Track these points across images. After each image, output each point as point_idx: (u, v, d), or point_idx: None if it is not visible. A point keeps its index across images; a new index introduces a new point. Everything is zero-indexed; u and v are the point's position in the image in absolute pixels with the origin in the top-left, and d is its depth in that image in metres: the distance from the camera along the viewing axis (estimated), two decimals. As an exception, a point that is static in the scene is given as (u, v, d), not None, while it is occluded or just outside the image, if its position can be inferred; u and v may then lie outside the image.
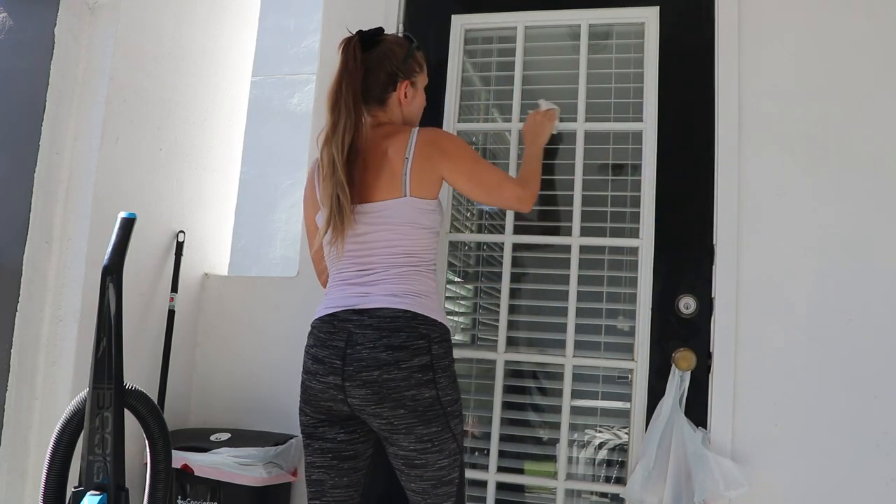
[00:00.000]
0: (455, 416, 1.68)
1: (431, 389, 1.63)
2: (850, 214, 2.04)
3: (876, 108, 2.07)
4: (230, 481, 2.11)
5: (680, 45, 2.23)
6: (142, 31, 2.32)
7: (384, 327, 1.64)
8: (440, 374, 1.65)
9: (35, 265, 2.13)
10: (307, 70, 3.83)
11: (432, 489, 1.65)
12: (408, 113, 1.89)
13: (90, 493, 1.41)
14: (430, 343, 1.65)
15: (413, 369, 1.61)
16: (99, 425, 1.42)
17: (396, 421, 1.62)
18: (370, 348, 1.62)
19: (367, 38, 1.83)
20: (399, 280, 1.70)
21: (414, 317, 1.66)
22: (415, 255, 1.72)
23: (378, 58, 1.82)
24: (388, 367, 1.61)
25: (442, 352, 1.67)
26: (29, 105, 2.17)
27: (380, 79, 1.82)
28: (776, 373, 2.02)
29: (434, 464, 1.64)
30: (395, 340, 1.62)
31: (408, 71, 1.85)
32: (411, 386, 1.61)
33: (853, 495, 1.94)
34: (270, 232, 3.76)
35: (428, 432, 1.62)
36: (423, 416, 1.62)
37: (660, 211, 2.16)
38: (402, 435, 1.63)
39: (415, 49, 1.89)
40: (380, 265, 1.71)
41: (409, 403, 1.61)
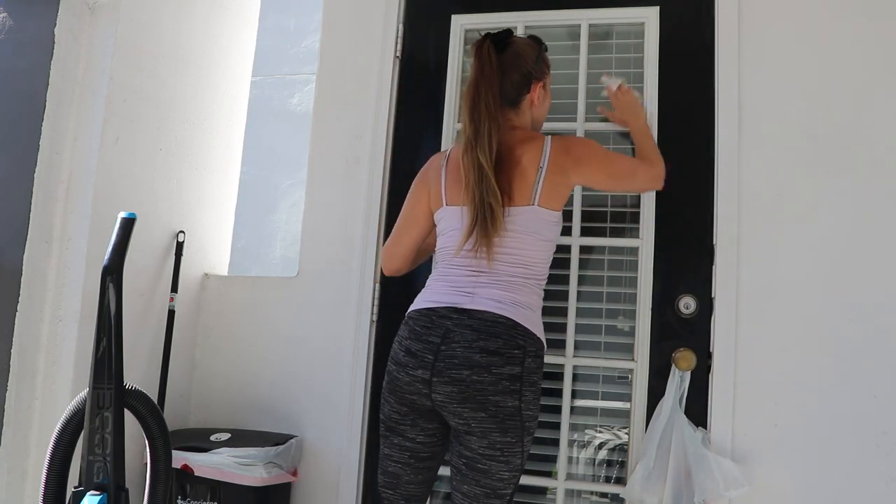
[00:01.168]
0: (530, 432, 1.66)
1: (516, 400, 1.62)
2: (850, 214, 2.04)
3: (876, 108, 2.07)
4: (230, 481, 2.11)
5: (680, 45, 2.23)
6: (142, 31, 2.32)
7: (482, 329, 1.63)
8: (527, 387, 1.64)
9: (35, 265, 2.13)
10: (307, 70, 3.83)
11: (484, 497, 1.63)
12: (537, 115, 1.89)
13: (90, 493, 1.41)
14: (524, 354, 1.64)
15: (503, 376, 1.61)
16: (99, 425, 1.42)
17: (474, 423, 1.62)
18: (465, 348, 1.62)
19: (498, 40, 1.81)
20: (507, 287, 1.69)
21: (514, 326, 1.65)
22: (529, 265, 1.72)
23: (511, 59, 1.80)
24: (479, 370, 1.60)
25: (534, 366, 1.66)
26: (29, 105, 2.17)
27: (514, 80, 1.80)
28: (776, 373, 2.02)
29: (496, 473, 1.63)
30: (492, 345, 1.62)
31: (539, 72, 1.85)
32: (498, 392, 1.60)
33: (853, 495, 1.94)
34: (270, 232, 3.76)
35: (502, 441, 1.62)
36: (501, 423, 1.61)
37: (660, 211, 2.16)
38: (476, 437, 1.62)
39: (544, 51, 1.89)
40: (491, 270, 1.70)
41: (491, 408, 1.60)
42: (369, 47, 2.46)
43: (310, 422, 2.35)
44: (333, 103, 2.47)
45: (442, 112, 2.35)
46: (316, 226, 2.44)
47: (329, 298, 2.38)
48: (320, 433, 2.32)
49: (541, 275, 1.75)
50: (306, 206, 2.47)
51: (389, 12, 2.45)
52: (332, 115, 2.47)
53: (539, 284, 1.75)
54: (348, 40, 2.49)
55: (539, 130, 1.91)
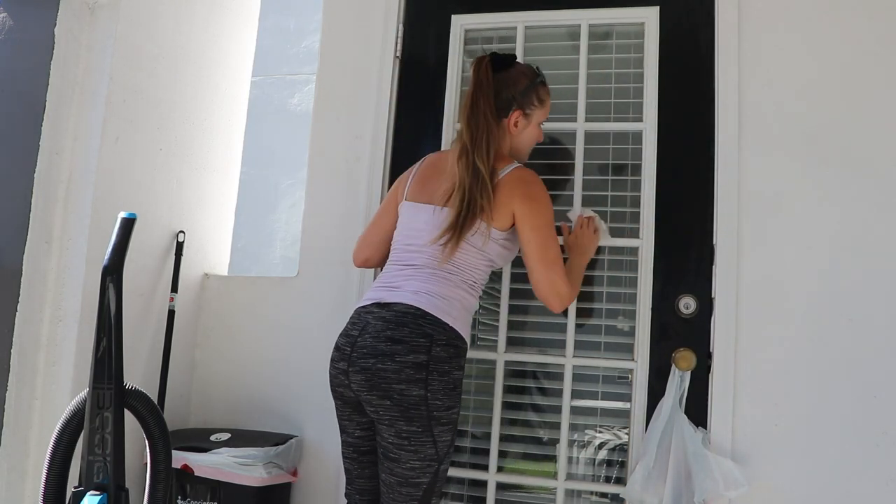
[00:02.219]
0: (442, 422, 1.68)
1: (420, 389, 1.65)
2: (850, 214, 2.04)
3: (876, 109, 2.07)
4: (230, 481, 2.11)
5: (680, 45, 2.23)
6: (141, 31, 2.32)
7: (392, 320, 1.70)
8: (434, 376, 1.67)
9: (35, 265, 2.13)
10: (307, 70, 3.83)
11: (397, 485, 1.69)
12: (516, 143, 1.93)
13: (90, 493, 1.41)
14: (431, 343, 1.68)
15: (406, 364, 1.65)
16: (99, 425, 1.42)
17: (382, 411, 1.67)
18: (374, 338, 1.70)
19: (498, 60, 1.91)
20: (427, 280, 1.76)
21: (423, 315, 1.70)
22: (459, 269, 1.77)
23: (502, 82, 1.88)
24: (383, 358, 1.66)
25: (444, 355, 1.69)
26: (29, 105, 2.17)
27: (499, 101, 1.87)
28: (776, 373, 2.02)
29: (405, 462, 1.67)
30: (398, 334, 1.68)
31: (524, 101, 1.90)
32: (401, 380, 1.65)
33: (853, 495, 1.94)
34: (270, 232, 3.76)
35: (407, 430, 1.66)
36: (406, 412, 1.65)
37: (660, 211, 2.16)
38: (385, 426, 1.68)
39: (539, 83, 1.93)
40: (419, 265, 1.78)
41: (395, 397, 1.65)
42: (369, 47, 2.46)
43: (310, 422, 2.35)
44: (333, 103, 2.47)
45: (442, 112, 2.35)
46: (316, 226, 2.44)
47: (329, 298, 2.38)
48: (320, 433, 2.32)
49: (472, 280, 1.80)
50: (306, 206, 2.47)
51: (389, 12, 2.45)
52: (332, 115, 2.47)
53: (469, 286, 1.79)
54: (348, 40, 2.50)
55: (521, 161, 1.94)
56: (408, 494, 1.68)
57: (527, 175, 1.83)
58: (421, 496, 1.68)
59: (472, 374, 2.31)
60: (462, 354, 1.76)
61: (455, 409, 1.72)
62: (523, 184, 1.80)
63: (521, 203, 1.78)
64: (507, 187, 1.78)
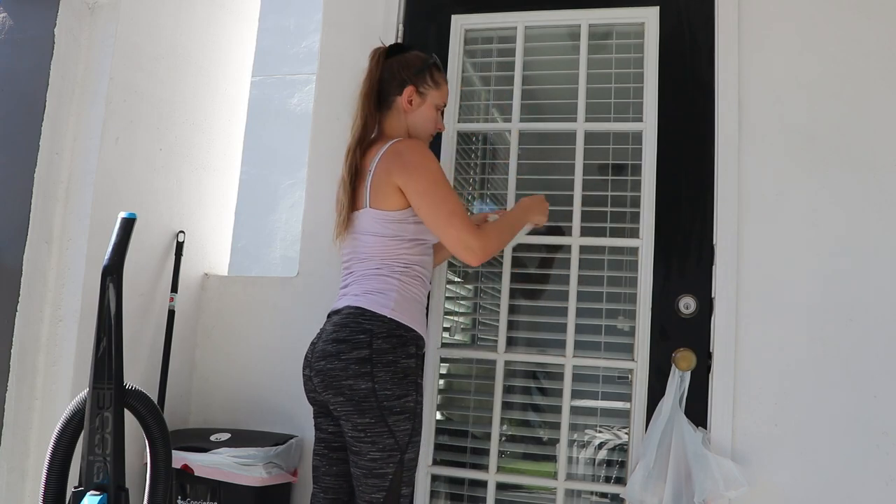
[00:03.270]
0: (394, 412, 1.73)
1: (367, 382, 1.72)
2: (850, 214, 2.04)
3: (876, 108, 2.07)
4: (230, 481, 2.11)
5: (680, 45, 2.23)
6: (141, 31, 2.32)
7: (338, 322, 1.80)
8: (379, 368, 1.72)
9: (35, 265, 2.13)
10: (307, 70, 3.84)
11: (363, 477, 1.74)
12: (412, 123, 1.94)
13: (90, 493, 1.41)
14: (371, 337, 1.74)
15: (351, 361, 1.73)
16: (99, 425, 1.42)
17: (339, 407, 1.75)
18: (325, 342, 1.79)
19: (393, 48, 1.99)
20: (362, 281, 1.83)
21: (362, 313, 1.77)
22: (381, 261, 1.82)
23: (395, 65, 1.93)
24: (331, 358, 1.75)
25: (386, 347, 1.74)
26: (29, 105, 2.17)
27: (392, 85, 1.92)
28: (776, 373, 2.02)
29: (366, 454, 1.73)
30: (341, 334, 1.76)
31: (418, 80, 1.93)
32: (349, 376, 1.72)
33: (853, 495, 1.94)
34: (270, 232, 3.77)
35: (362, 422, 1.72)
36: (358, 405, 1.72)
37: (660, 211, 2.16)
38: (344, 421, 1.76)
39: (432, 64, 1.96)
40: (354, 270, 1.86)
41: (346, 392, 1.73)
42: (369, 47, 2.45)
43: (310, 422, 2.32)
44: (333, 103, 2.47)
45: (441, 112, 2.34)
46: (316, 226, 2.44)
47: (329, 298, 2.36)
48: (320, 433, 2.31)
49: (402, 265, 1.82)
50: (306, 206, 2.47)
51: (389, 12, 2.45)
52: (332, 115, 2.46)
53: (397, 271, 1.81)
54: (348, 40, 2.49)
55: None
56: (374, 486, 1.73)
57: (399, 146, 1.82)
58: (388, 486, 1.73)
59: (473, 374, 2.31)
60: (409, 343, 1.78)
61: (408, 397, 1.75)
62: (396, 156, 1.80)
63: (399, 175, 1.79)
64: (383, 166, 1.80)
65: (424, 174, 1.78)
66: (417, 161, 1.79)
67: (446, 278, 2.30)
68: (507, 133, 2.33)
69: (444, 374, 2.36)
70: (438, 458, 2.25)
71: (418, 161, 1.79)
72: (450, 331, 2.35)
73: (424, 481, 2.22)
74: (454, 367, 2.40)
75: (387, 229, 1.80)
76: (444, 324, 2.29)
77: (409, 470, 1.77)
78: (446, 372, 2.37)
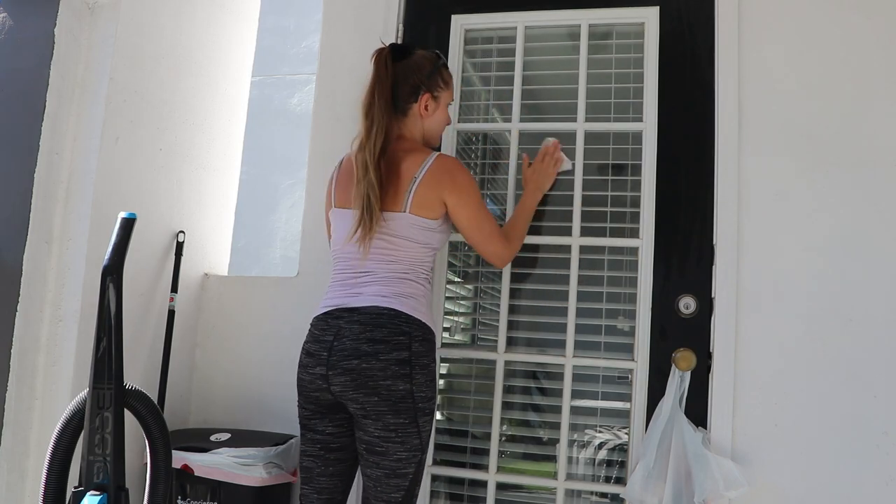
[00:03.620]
0: (425, 413, 1.78)
1: (406, 383, 1.74)
2: (850, 214, 2.04)
3: (876, 109, 2.07)
4: (230, 481, 2.11)
5: (680, 44, 2.23)
6: (142, 31, 2.32)
7: (368, 322, 1.77)
8: (417, 370, 1.76)
9: (35, 265, 2.13)
10: (307, 70, 3.84)
11: (385, 478, 1.75)
12: (428, 127, 1.97)
13: (90, 493, 1.41)
14: (410, 340, 1.77)
15: (391, 361, 1.73)
16: (99, 425, 1.42)
17: (369, 407, 1.74)
18: (354, 340, 1.76)
19: (397, 50, 1.95)
20: (389, 283, 1.82)
21: (398, 314, 1.78)
22: (409, 265, 1.84)
23: (406, 70, 1.92)
24: (368, 357, 1.74)
25: (423, 350, 1.78)
26: (29, 105, 2.17)
27: (405, 90, 1.92)
28: (776, 373, 2.02)
29: (393, 454, 1.74)
30: (378, 334, 1.75)
31: (431, 84, 1.94)
32: (388, 377, 1.73)
33: (853, 495, 1.94)
34: (270, 232, 3.77)
35: (395, 422, 1.74)
36: (394, 406, 1.73)
37: (660, 211, 2.16)
38: (372, 420, 1.74)
39: (441, 65, 1.98)
40: (375, 270, 1.83)
41: (383, 392, 1.73)
42: (369, 47, 2.44)
43: (310, 422, 2.34)
44: (333, 103, 2.47)
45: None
46: (316, 226, 2.43)
47: (329, 298, 2.38)
48: (320, 433, 2.31)
49: (424, 272, 1.88)
50: (306, 206, 2.48)
51: (389, 12, 2.45)
52: (332, 115, 2.47)
53: (422, 277, 1.87)
54: (348, 40, 2.49)
55: (434, 145, 2.01)
56: (395, 486, 1.75)
57: (449, 163, 1.89)
58: (408, 485, 1.76)
59: (473, 374, 2.31)
60: (434, 348, 1.85)
61: (435, 399, 1.82)
62: (447, 173, 1.86)
63: (451, 194, 1.85)
64: (433, 179, 1.83)
65: (474, 196, 1.89)
66: (468, 183, 1.89)
67: (446, 278, 2.30)
68: (507, 133, 2.33)
69: (444, 374, 2.36)
70: (438, 458, 2.25)
71: (468, 183, 1.89)
72: (450, 331, 2.35)
73: (424, 481, 2.21)
74: (454, 367, 2.40)
75: (422, 235, 1.84)
76: (444, 324, 2.29)
77: (422, 470, 1.82)
78: (446, 372, 2.37)
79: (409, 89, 1.92)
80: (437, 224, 1.86)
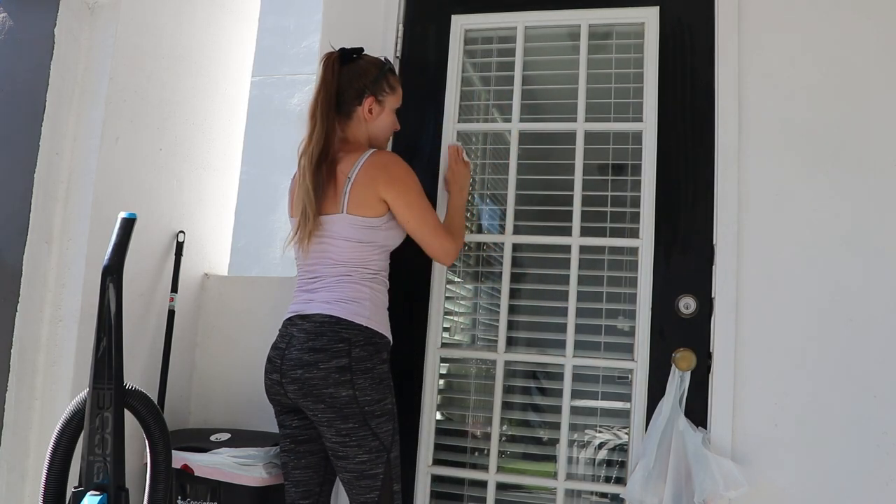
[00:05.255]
0: (375, 415, 1.81)
1: (348, 389, 1.78)
2: (850, 214, 2.04)
3: (876, 108, 2.07)
4: (230, 481, 2.11)
5: (680, 44, 2.23)
6: (142, 32, 2.32)
7: (312, 331, 1.83)
8: (359, 375, 1.80)
9: (35, 265, 2.13)
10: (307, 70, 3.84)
11: (354, 480, 1.82)
12: (373, 130, 2.01)
13: (90, 493, 1.41)
14: (350, 346, 1.80)
15: (331, 370, 1.78)
16: (99, 425, 1.43)
17: (319, 414, 1.81)
18: (299, 350, 1.83)
19: (345, 54, 2.00)
20: (335, 288, 1.86)
21: (338, 321, 1.82)
22: (352, 267, 1.87)
23: (351, 73, 1.97)
24: (310, 367, 1.79)
25: (364, 354, 1.82)
26: (29, 105, 2.17)
27: (350, 94, 1.96)
28: (776, 373, 2.02)
29: (354, 457, 1.80)
30: (318, 343, 1.81)
31: (376, 88, 1.98)
32: (329, 385, 1.78)
33: (853, 495, 1.94)
34: (270, 232, 3.77)
35: (345, 428, 1.79)
36: (340, 412, 1.79)
37: (660, 211, 2.16)
38: (325, 427, 1.81)
39: (388, 70, 2.02)
40: (323, 274, 1.89)
41: (327, 400, 1.79)
42: (369, 47, 2.45)
43: (310, 422, 2.34)
44: (333, 103, 2.47)
45: (442, 112, 2.35)
46: (316, 226, 2.43)
47: (329, 298, 2.38)
48: (320, 433, 2.31)
49: (373, 270, 1.90)
50: (306, 206, 2.47)
51: (389, 12, 2.44)
52: (332, 115, 2.46)
53: (368, 277, 1.89)
54: (348, 40, 2.49)
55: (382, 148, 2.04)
56: (367, 486, 1.81)
57: (383, 158, 1.92)
58: (381, 485, 1.82)
59: (472, 374, 2.31)
60: (382, 349, 1.88)
61: (386, 400, 1.85)
62: (382, 168, 1.89)
63: (387, 188, 1.87)
64: (366, 176, 1.87)
65: (412, 188, 1.91)
66: (404, 175, 1.91)
67: (446, 278, 2.30)
68: (507, 133, 2.33)
69: (444, 374, 2.36)
70: (438, 458, 2.25)
71: (405, 175, 1.91)
72: (450, 331, 2.35)
73: (424, 481, 2.22)
74: (454, 367, 2.40)
75: (363, 234, 1.87)
76: (444, 324, 2.29)
77: (396, 468, 1.86)
78: (446, 372, 2.37)
79: (353, 93, 1.96)
80: (382, 222, 1.88)
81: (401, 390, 2.24)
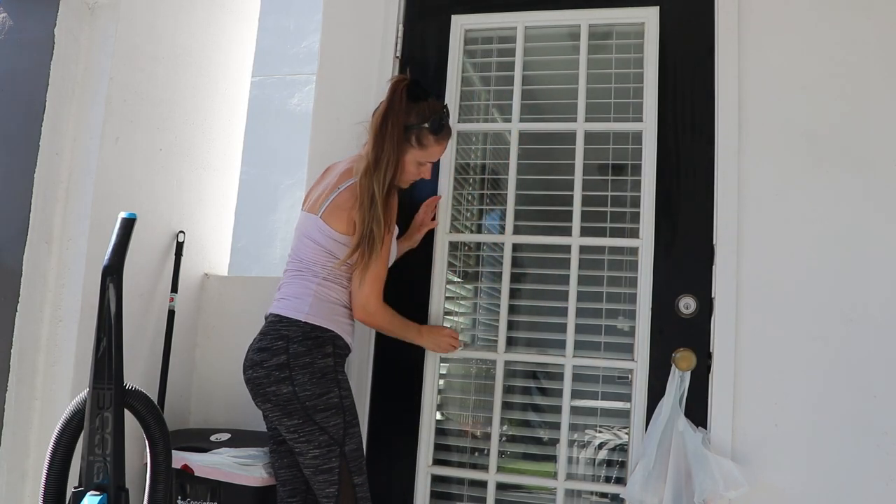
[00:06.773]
0: (319, 410, 1.82)
1: (288, 385, 1.81)
2: (850, 214, 2.04)
3: (876, 108, 2.07)
4: (230, 481, 2.11)
5: (680, 44, 2.23)
6: (141, 31, 2.32)
7: (263, 331, 1.90)
8: (297, 371, 1.82)
9: (35, 265, 2.14)
10: (307, 70, 3.84)
11: (313, 475, 1.85)
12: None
13: (90, 493, 1.41)
14: (288, 343, 1.83)
15: (272, 368, 1.83)
16: (99, 425, 1.43)
17: (269, 413, 1.87)
18: (252, 351, 1.89)
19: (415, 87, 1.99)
20: (287, 286, 1.93)
21: (280, 320, 1.87)
22: (305, 264, 1.91)
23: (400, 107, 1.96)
24: (256, 367, 1.85)
25: (302, 350, 1.83)
26: (29, 105, 2.17)
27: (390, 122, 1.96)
28: (776, 373, 2.02)
29: (307, 453, 1.83)
30: (263, 343, 1.87)
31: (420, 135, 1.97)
32: (271, 383, 1.82)
33: (853, 495, 1.94)
34: (270, 232, 3.77)
35: (292, 424, 1.82)
36: (284, 409, 1.82)
37: (660, 211, 2.16)
38: (278, 425, 1.86)
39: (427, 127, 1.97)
40: (288, 271, 1.97)
41: (272, 398, 1.83)
42: (369, 47, 2.46)
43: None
44: (333, 103, 2.47)
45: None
46: (316, 226, 2.43)
47: (329, 298, 2.38)
48: (320, 433, 2.31)
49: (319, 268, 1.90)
50: (306, 206, 2.47)
51: (389, 12, 2.44)
52: (332, 115, 2.46)
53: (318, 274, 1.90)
54: (348, 40, 2.50)
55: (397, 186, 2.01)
56: (325, 481, 1.83)
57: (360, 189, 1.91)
58: (338, 479, 1.83)
59: (472, 374, 2.31)
60: (325, 343, 1.86)
61: (330, 394, 1.84)
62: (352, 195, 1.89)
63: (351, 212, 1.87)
64: (351, 195, 1.88)
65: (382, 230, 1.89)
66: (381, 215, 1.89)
67: (446, 278, 2.30)
68: (507, 133, 2.33)
69: (444, 374, 2.36)
70: (438, 457, 2.25)
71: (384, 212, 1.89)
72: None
73: (424, 481, 2.22)
74: (454, 367, 2.40)
75: (327, 243, 1.89)
76: (444, 324, 2.29)
77: (355, 461, 1.86)
78: (446, 372, 2.37)
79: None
80: (345, 239, 1.89)
81: (401, 390, 2.25)
